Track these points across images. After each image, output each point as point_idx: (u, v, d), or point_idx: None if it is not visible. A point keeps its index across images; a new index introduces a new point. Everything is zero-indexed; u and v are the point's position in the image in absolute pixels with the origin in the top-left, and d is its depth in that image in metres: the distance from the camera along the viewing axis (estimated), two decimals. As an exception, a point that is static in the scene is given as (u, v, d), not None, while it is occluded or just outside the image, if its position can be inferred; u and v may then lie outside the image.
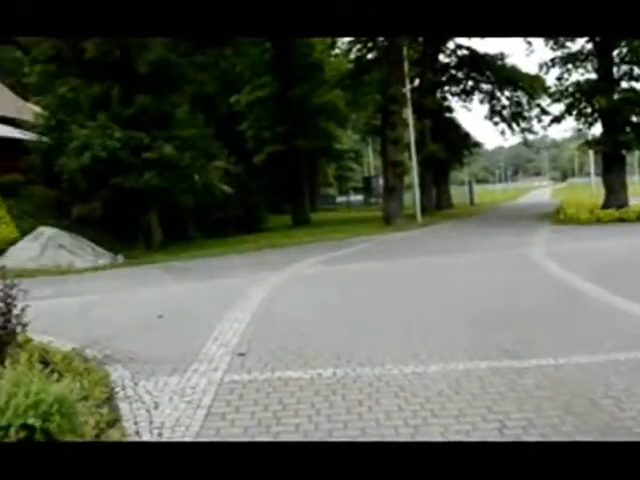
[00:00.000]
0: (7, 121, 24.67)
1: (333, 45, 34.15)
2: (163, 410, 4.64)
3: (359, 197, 54.10)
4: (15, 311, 5.19)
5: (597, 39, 24.71)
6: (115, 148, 17.78)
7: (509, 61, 37.00)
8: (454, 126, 38.26)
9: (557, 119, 26.91)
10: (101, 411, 4.43)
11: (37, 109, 22.82)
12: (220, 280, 12.28)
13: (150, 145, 18.36)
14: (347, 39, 33.20)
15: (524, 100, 37.37)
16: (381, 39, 29.23)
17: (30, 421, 3.61)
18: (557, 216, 24.62)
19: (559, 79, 26.07)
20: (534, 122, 37.46)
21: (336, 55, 35.84)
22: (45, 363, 5.21)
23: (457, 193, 47.77)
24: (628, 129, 24.63)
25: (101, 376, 5.32)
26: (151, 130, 18.81)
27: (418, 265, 13.05)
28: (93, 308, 9.50)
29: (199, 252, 18.38)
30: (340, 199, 54.92)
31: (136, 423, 4.39)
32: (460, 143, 38.39)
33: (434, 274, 11.68)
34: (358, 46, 32.98)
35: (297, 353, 6.09)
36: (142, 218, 20.21)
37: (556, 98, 26.32)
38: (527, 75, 35.18)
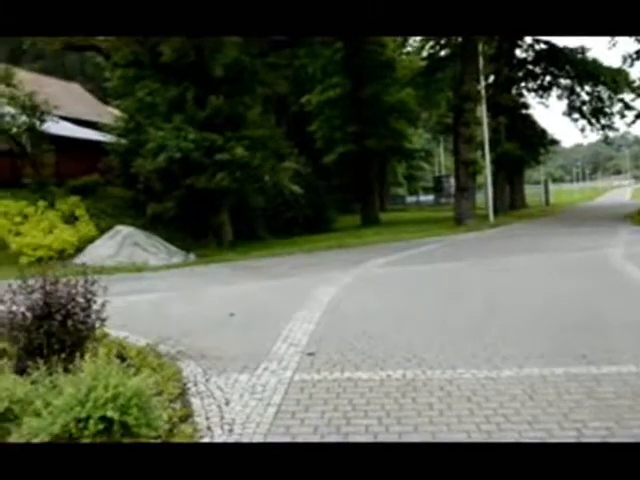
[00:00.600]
0: (88, 124, 25.80)
1: (404, 43, 33.87)
2: (234, 407, 4.70)
3: (429, 197, 53.47)
4: (95, 307, 5.38)
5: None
6: (189, 149, 18.23)
7: (590, 54, 35.46)
8: (530, 123, 37.15)
9: (642, 114, 25.73)
10: (174, 406, 4.54)
11: (117, 112, 23.73)
12: (290, 279, 12.38)
13: (223, 146, 18.73)
14: (419, 37, 32.86)
15: (605, 95, 35.82)
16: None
17: (109, 413, 3.72)
18: (638, 217, 23.54)
19: (645, 72, 24.85)
20: (616, 118, 35.89)
21: (408, 53, 35.51)
22: (122, 358, 5.38)
23: (531, 193, 46.51)
24: None
25: (174, 372, 5.44)
26: (224, 131, 19.18)
27: (490, 266, 12.73)
28: (166, 305, 9.77)
29: (269, 251, 18.59)
30: (410, 199, 54.46)
31: (207, 419, 4.46)
32: (536, 141, 37.25)
33: (507, 276, 11.36)
34: (431, 43, 32.55)
35: (366, 354, 6.05)
36: (213, 218, 20.65)
37: (641, 92, 25.12)
38: (609, 69, 33.66)
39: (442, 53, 32.52)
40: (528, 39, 35.70)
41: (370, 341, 6.57)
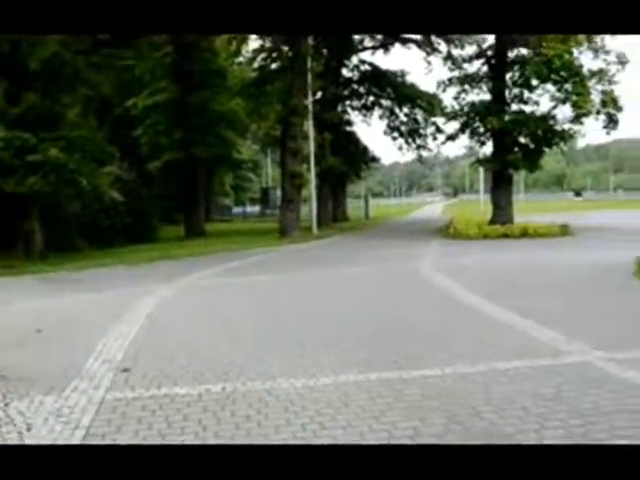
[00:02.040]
0: None
1: (238, 53, 33.84)
2: (37, 432, 4.32)
3: (256, 208, 54.00)
4: None
5: (493, 62, 26.03)
6: (-3, 148, 16.68)
7: (409, 78, 38.27)
8: (353, 140, 38.95)
9: (451, 137, 28.05)
10: (-36, 435, 4.06)
11: None
12: (107, 292, 11.73)
13: (36, 147, 17.36)
14: (251, 48, 33.03)
15: (421, 118, 38.65)
16: (286, 49, 29.34)
17: None
18: (447, 231, 25.53)
19: (455, 98, 27.12)
20: (429, 139, 38.82)
21: (240, 63, 35.56)
22: None
23: (353, 206, 48.80)
24: (516, 149, 26.09)
25: (-34, 396, 4.89)
26: (38, 131, 17.80)
27: (311, 278, 13.13)
28: (-36, 320, 8.79)
29: (85, 262, 17.49)
30: (236, 210, 54.57)
31: (4, 447, 4.05)
32: (359, 157, 39.12)
33: (327, 287, 11.79)
34: (263, 55, 32.88)
35: (186, 368, 5.89)
36: (22, 224, 18.99)
37: (451, 117, 27.37)
38: (425, 93, 36.43)
39: (273, 66, 33.01)
40: (354, 59, 37.58)
41: (190, 355, 6.41)
